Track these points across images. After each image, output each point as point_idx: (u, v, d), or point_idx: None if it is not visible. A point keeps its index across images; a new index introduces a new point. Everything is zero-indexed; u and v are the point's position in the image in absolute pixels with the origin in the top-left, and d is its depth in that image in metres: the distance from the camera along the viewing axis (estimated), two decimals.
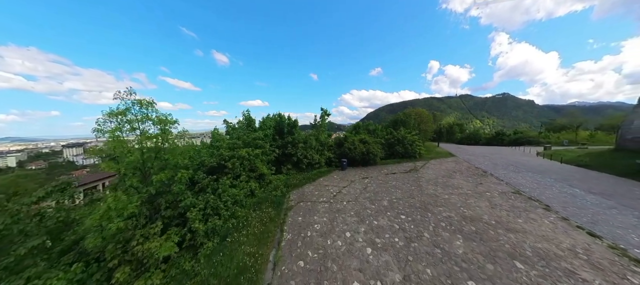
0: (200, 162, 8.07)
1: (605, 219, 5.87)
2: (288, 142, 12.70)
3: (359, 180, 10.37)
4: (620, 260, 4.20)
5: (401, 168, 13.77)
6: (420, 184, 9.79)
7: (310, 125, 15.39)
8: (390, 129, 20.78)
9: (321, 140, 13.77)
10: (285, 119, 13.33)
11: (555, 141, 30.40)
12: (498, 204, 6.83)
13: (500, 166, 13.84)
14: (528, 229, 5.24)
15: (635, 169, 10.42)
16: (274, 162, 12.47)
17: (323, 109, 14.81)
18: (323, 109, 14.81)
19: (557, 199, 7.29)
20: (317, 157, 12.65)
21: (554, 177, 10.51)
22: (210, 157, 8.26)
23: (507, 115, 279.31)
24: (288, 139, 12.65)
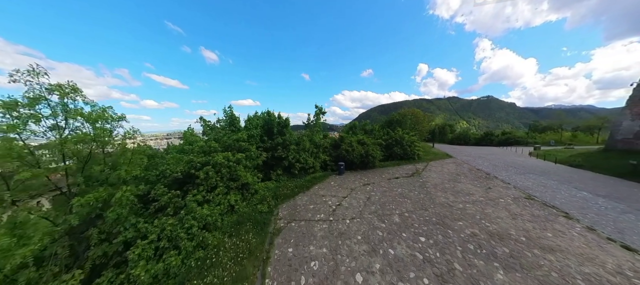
0: (161, 173, 6.09)
1: (629, 227, 5.40)
2: (278, 144, 11.01)
3: (360, 188, 8.80)
4: None
5: (402, 171, 12.57)
6: (427, 190, 8.52)
7: (304, 125, 13.74)
8: (387, 130, 19.61)
9: (316, 141, 12.14)
10: (274, 117, 11.61)
11: (542, 141, 30.83)
12: (517, 213, 5.99)
13: (500, 167, 13.14)
14: (562, 245, 4.51)
15: (628, 169, 10.47)
16: (262, 167, 10.75)
17: (318, 106, 13.02)
18: (318, 107, 13.00)
19: (571, 204, 6.76)
20: (312, 160, 11.05)
21: (556, 178, 10.11)
22: (176, 165, 6.32)
23: (491, 116, 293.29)
24: (278, 141, 10.97)
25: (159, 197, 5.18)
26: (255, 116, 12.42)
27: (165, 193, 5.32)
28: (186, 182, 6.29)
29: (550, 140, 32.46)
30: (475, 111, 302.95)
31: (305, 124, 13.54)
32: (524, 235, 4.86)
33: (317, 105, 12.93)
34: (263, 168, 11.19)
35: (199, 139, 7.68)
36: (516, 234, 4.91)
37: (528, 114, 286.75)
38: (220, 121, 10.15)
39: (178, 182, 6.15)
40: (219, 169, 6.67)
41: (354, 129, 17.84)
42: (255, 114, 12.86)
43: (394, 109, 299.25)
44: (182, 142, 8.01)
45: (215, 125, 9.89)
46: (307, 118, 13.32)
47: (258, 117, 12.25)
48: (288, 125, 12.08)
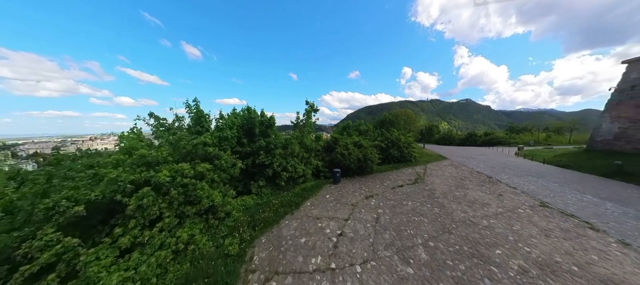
0: (52, 207, 3.34)
1: None
2: (260, 148, 8.88)
3: (363, 203, 6.94)
4: None
5: (404, 177, 11.07)
6: (439, 201, 6.98)
7: (292, 125, 11.70)
8: (382, 130, 18.28)
9: (306, 144, 10.15)
10: (256, 115, 9.40)
11: (522, 142, 31.81)
12: (545, 227, 5.14)
13: (497, 169, 12.63)
14: (618, 274, 3.64)
15: (613, 169, 10.84)
16: (241, 177, 8.58)
17: (309, 102, 10.75)
18: (309, 103, 10.73)
19: (585, 211, 6.23)
20: (302, 167, 9.00)
21: (554, 180, 9.94)
22: (77, 191, 3.75)
23: (469, 118, 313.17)
24: (260, 144, 8.81)
25: (35, 253, 2.75)
26: (233, 114, 10.13)
27: (51, 244, 2.87)
28: (113, 215, 3.99)
29: (529, 140, 33.54)
30: (455, 113, 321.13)
31: (294, 124, 11.48)
32: (574, 263, 3.89)
33: (307, 101, 10.69)
34: (242, 177, 8.97)
35: (140, 145, 5.16)
36: (563, 260, 3.93)
37: (502, 116, 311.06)
38: (181, 119, 7.58)
39: (95, 216, 3.83)
40: (167, 189, 4.50)
41: (348, 130, 16.11)
42: (233, 111, 10.56)
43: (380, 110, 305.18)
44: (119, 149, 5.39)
45: (172, 125, 7.32)
46: (296, 117, 11.26)
47: (236, 114, 9.97)
48: (273, 125, 9.96)
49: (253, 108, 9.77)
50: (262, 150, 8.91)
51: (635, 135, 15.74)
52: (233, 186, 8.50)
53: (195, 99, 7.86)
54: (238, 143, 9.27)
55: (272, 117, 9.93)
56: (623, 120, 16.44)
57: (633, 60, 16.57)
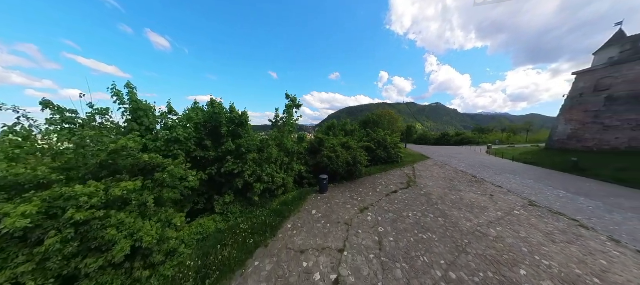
0: None
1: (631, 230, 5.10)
2: (228, 153, 6.96)
3: (358, 219, 5.51)
4: None
5: (394, 180, 10.10)
6: (440, 209, 6.14)
7: (271, 123, 9.83)
8: (368, 131, 17.38)
9: (287, 147, 8.47)
10: (223, 110, 7.40)
11: (489, 141, 34.37)
12: (546, 231, 4.98)
13: (477, 167, 12.95)
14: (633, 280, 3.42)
15: (570, 165, 11.88)
16: (203, 190, 6.56)
17: (290, 96, 8.75)
18: (290, 97, 8.75)
19: (567, 208, 6.44)
20: (281, 175, 7.21)
21: (528, 177, 10.47)
22: None
23: (439, 120, 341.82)
24: (228, 147, 6.83)
25: None
26: (191, 109, 7.93)
27: None
28: None
29: (495, 140, 36.26)
30: (428, 115, 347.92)
31: (272, 123, 9.63)
32: (591, 273, 3.59)
33: (288, 95, 8.69)
34: (205, 190, 6.93)
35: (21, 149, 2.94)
36: (582, 271, 3.64)
37: (466, 119, 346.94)
38: (104, 112, 4.92)
39: None
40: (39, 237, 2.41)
41: (334, 130, 14.74)
42: (194, 105, 8.33)
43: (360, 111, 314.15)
44: None
45: (89, 122, 4.69)
46: (275, 115, 9.43)
47: (196, 109, 7.82)
48: (246, 124, 8.05)
49: (219, 101, 7.72)
50: (231, 155, 6.97)
51: (584, 135, 17.42)
52: (191, 203, 6.40)
53: (128, 84, 5.49)
54: (199, 146, 7.17)
55: (244, 114, 7.98)
56: (574, 123, 18.23)
57: (580, 72, 18.53)
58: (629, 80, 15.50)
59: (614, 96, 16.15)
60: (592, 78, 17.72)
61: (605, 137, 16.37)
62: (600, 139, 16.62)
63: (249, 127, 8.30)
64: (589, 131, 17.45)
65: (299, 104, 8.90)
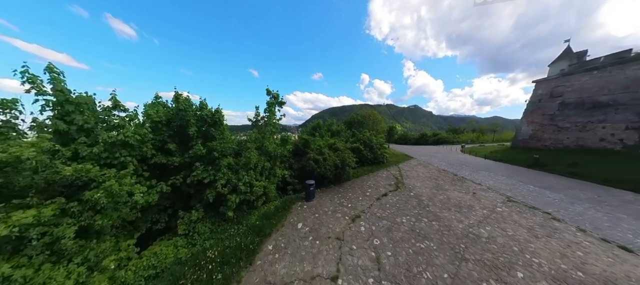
0: None
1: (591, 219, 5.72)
2: (197, 158, 5.78)
3: (351, 232, 4.89)
4: None
5: (383, 182, 9.71)
6: (432, 211, 5.99)
7: (251, 123, 8.80)
8: (353, 131, 17.04)
9: (268, 150, 7.51)
10: (190, 107, 6.17)
11: (462, 141, 36.88)
12: (527, 226, 5.27)
13: (455, 166, 13.45)
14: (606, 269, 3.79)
15: (532, 161, 13.03)
16: (166, 204, 5.33)
17: (271, 92, 7.72)
18: (271, 93, 7.73)
19: (539, 201, 6.96)
20: (262, 183, 6.17)
21: (500, 174, 11.15)
22: None
23: (417, 121, 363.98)
24: (197, 151, 5.67)
25: None
26: (150, 104, 6.54)
27: None
28: None
29: (467, 139, 38.93)
30: (406, 116, 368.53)
31: (252, 122, 8.53)
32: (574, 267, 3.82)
33: (270, 91, 7.70)
34: (168, 204, 5.68)
35: None
36: (567, 266, 3.84)
37: (440, 120, 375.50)
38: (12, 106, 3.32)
39: None
40: None
41: (319, 130, 14.02)
42: (155, 99, 6.93)
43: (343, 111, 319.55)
44: None
45: None
46: (255, 114, 8.32)
47: (156, 104, 6.47)
48: (221, 123, 6.90)
49: (186, 96, 6.46)
50: (201, 160, 5.82)
51: (542, 135, 19.31)
52: (147, 223, 5.12)
53: (50, 67, 3.97)
54: (161, 150, 5.88)
55: (218, 111, 6.82)
56: (535, 124, 20.16)
57: (539, 80, 20.66)
58: (576, 89, 17.48)
59: (565, 102, 18.06)
60: (548, 86, 19.68)
61: (559, 137, 18.17)
62: (555, 139, 18.42)
63: (224, 127, 7.16)
64: (547, 132, 19.25)
65: (281, 101, 7.93)
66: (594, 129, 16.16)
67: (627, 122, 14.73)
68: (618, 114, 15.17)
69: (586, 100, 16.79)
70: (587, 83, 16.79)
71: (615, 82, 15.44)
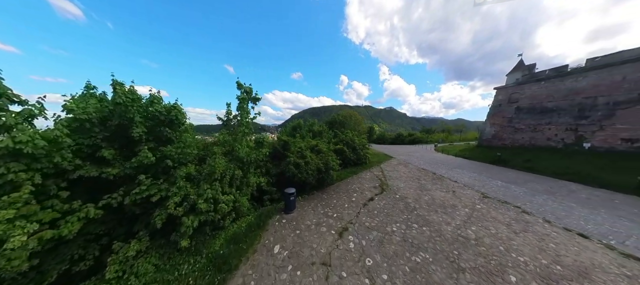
0: None
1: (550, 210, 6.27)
2: (143, 167, 4.40)
3: (337, 250, 4.18)
4: None
5: (367, 184, 9.24)
6: (420, 215, 5.82)
7: (222, 123, 7.58)
8: (336, 131, 16.52)
9: (240, 155, 6.06)
10: (139, 102, 4.75)
11: (435, 140, 39.52)
12: (505, 222, 5.54)
13: (433, 164, 13.96)
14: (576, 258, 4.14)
15: (495, 158, 14.46)
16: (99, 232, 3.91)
17: (243, 85, 6.52)
18: (243, 87, 6.55)
19: (508, 196, 7.54)
20: (230, 197, 4.94)
21: (471, 170, 11.95)
22: None
23: (392, 122, 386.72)
24: (143, 158, 4.31)
25: None
26: (79, 97, 4.91)
27: None
28: None
29: (438, 139, 41.80)
30: (383, 117, 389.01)
31: (223, 122, 7.21)
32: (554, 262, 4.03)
33: (241, 84, 6.51)
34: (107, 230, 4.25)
35: None
36: (547, 261, 4.03)
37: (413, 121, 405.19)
38: None
39: None
40: None
41: (300, 130, 13.11)
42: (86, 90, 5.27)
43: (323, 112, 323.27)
44: None
45: None
46: (226, 112, 6.99)
47: (87, 97, 4.87)
48: (180, 123, 5.58)
49: (130, 86, 4.99)
50: (149, 171, 4.49)
51: (503, 135, 21.41)
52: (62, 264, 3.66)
53: None
54: (91, 159, 4.39)
55: (175, 107, 5.48)
56: (496, 126, 22.32)
57: (499, 88, 23.06)
58: (528, 96, 19.81)
59: (520, 107, 20.32)
60: (506, 93, 21.96)
61: (516, 137, 20.29)
62: (513, 138, 20.51)
63: (187, 127, 5.82)
64: (506, 132, 21.35)
65: (256, 96, 6.81)
66: (542, 130, 18.30)
67: (566, 125, 16.97)
68: (560, 117, 17.41)
69: (536, 106, 19.05)
70: (537, 91, 19.14)
71: (557, 92, 17.77)
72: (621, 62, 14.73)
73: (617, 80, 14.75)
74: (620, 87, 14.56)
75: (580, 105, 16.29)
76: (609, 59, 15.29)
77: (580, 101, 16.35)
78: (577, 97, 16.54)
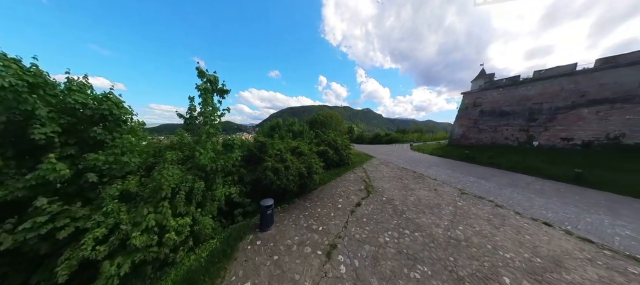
0: None
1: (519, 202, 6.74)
2: (46, 185, 2.76)
3: (326, 278, 3.37)
4: None
5: (352, 187, 8.64)
6: (410, 219, 5.54)
7: (185, 122, 5.71)
8: (317, 131, 15.77)
9: (202, 163, 4.68)
10: (32, 83, 3.17)
11: (409, 140, 41.79)
12: (485, 218, 5.70)
13: (411, 162, 14.41)
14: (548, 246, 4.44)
15: (464, 156, 15.72)
16: None
17: (206, 73, 5.15)
18: (207, 76, 5.18)
19: (481, 190, 7.98)
20: (186, 220, 3.67)
21: (446, 167, 12.65)
22: None
23: (369, 122, 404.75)
24: (48, 172, 2.77)
25: None
26: None
27: None
28: None
29: (413, 139, 44.30)
30: (361, 118, 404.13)
31: (185, 120, 5.72)
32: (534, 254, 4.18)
33: (203, 72, 5.15)
34: None
35: None
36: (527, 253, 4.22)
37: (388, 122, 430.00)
38: None
39: None
40: None
41: (279, 130, 12.02)
42: None
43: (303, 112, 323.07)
44: None
45: None
46: (189, 107, 5.53)
47: None
48: (117, 119, 4.14)
49: (32, 65, 3.43)
50: (57, 192, 3.06)
51: (469, 135, 23.38)
52: None
53: None
54: None
55: (106, 97, 4.05)
56: (464, 127, 24.34)
57: (465, 93, 25.29)
58: (490, 101, 22.00)
59: (483, 110, 22.40)
60: (472, 97, 24.08)
61: (480, 137, 22.27)
62: (478, 138, 22.46)
63: (134, 126, 4.39)
64: (472, 132, 23.30)
65: (223, 88, 5.56)
66: (501, 131, 20.35)
67: (519, 126, 19.16)
68: (515, 120, 19.60)
69: (496, 109, 21.17)
70: (496, 97, 21.33)
71: (512, 98, 20.03)
72: (559, 74, 17.12)
73: (557, 89, 17.12)
74: (559, 95, 16.94)
75: (530, 109, 18.55)
76: (551, 72, 17.63)
77: (530, 106, 18.62)
78: (527, 102, 18.82)
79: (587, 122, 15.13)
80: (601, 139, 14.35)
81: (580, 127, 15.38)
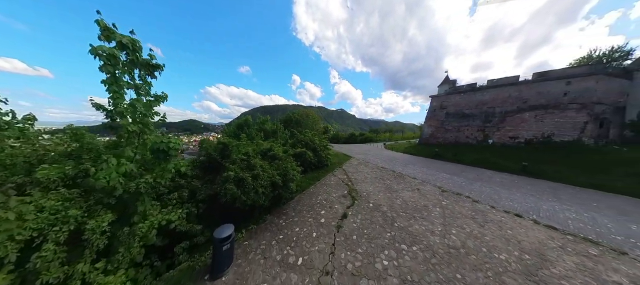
0: None
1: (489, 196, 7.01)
2: None
3: None
4: None
5: (334, 193, 7.52)
6: (402, 227, 4.78)
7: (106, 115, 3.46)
8: (292, 131, 14.30)
9: (107, 188, 2.70)
10: None
11: (382, 139, 43.52)
12: (468, 216, 5.63)
13: (388, 161, 14.55)
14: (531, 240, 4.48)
15: (434, 154, 16.74)
16: None
17: (116, 32, 2.93)
18: (116, 37, 2.95)
19: (456, 186, 8.22)
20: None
21: (420, 165, 13.12)
22: None
23: (343, 123, 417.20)
24: None
25: None
26: None
27: None
28: None
29: (386, 138, 46.12)
30: (335, 118, 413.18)
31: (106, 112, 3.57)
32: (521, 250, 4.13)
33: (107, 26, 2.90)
34: None
35: None
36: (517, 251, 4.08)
37: (361, 123, 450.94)
38: None
39: None
40: None
41: (247, 129, 10.14)
42: None
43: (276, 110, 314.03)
44: None
45: None
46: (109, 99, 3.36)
47: None
48: None
49: None
50: None
51: (437, 134, 25.05)
52: None
53: None
54: None
55: None
56: (432, 127, 25.98)
57: (433, 96, 27.13)
58: (453, 104, 23.93)
59: (449, 112, 24.20)
60: (439, 100, 25.81)
61: (446, 136, 23.97)
62: (444, 137, 24.15)
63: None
64: (439, 132, 24.95)
65: (152, 62, 3.65)
66: (463, 131, 22.20)
67: (477, 127, 21.20)
68: (474, 121, 21.61)
69: (459, 112, 23.09)
70: (459, 101, 23.30)
71: (471, 102, 22.11)
72: (508, 84, 19.46)
73: (506, 96, 19.44)
74: (508, 101, 19.27)
75: (485, 112, 20.69)
76: (501, 81, 19.95)
77: (485, 110, 20.77)
78: (483, 106, 20.97)
79: (528, 124, 17.48)
80: (538, 137, 16.76)
81: (524, 127, 17.71)
